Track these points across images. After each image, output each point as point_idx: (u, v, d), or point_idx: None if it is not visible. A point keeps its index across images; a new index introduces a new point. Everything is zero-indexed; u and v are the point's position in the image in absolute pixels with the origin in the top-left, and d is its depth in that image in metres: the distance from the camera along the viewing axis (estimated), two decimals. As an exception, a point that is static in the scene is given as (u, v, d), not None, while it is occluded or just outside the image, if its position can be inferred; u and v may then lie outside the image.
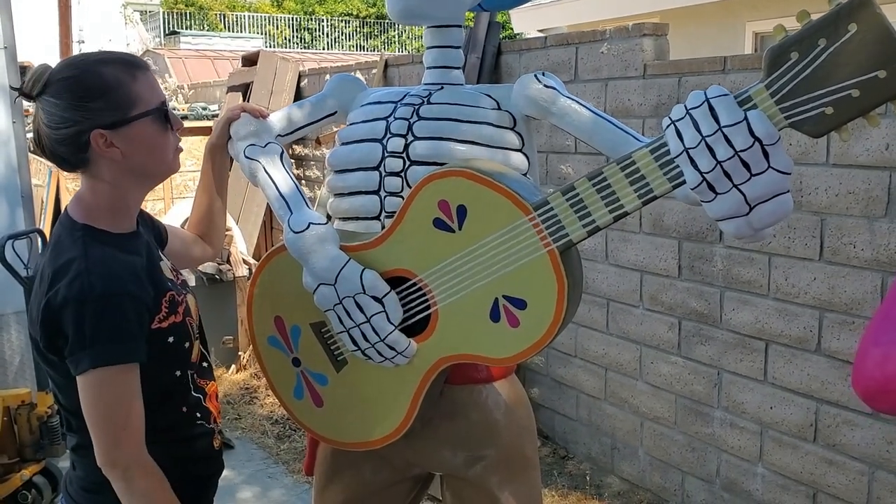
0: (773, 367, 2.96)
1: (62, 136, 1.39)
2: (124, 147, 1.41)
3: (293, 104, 1.81)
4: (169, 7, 21.00)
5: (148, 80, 1.44)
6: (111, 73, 1.40)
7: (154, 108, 1.43)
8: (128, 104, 1.40)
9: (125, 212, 1.49)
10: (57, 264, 1.38)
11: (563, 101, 1.61)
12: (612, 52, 3.50)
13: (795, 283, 2.85)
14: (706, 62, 3.09)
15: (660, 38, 3.40)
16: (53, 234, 1.48)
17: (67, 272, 1.36)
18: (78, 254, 1.38)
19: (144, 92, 1.42)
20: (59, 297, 1.35)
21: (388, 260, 1.56)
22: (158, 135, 1.45)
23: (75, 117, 1.37)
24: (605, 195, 1.36)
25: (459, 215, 1.47)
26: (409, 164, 1.62)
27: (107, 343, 1.34)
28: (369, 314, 1.54)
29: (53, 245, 1.44)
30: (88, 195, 1.46)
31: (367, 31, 23.82)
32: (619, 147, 1.57)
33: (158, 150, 1.46)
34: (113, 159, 1.41)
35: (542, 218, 1.41)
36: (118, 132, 1.40)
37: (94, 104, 1.37)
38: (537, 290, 1.44)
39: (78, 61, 1.42)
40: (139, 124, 1.41)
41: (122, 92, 1.39)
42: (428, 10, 1.66)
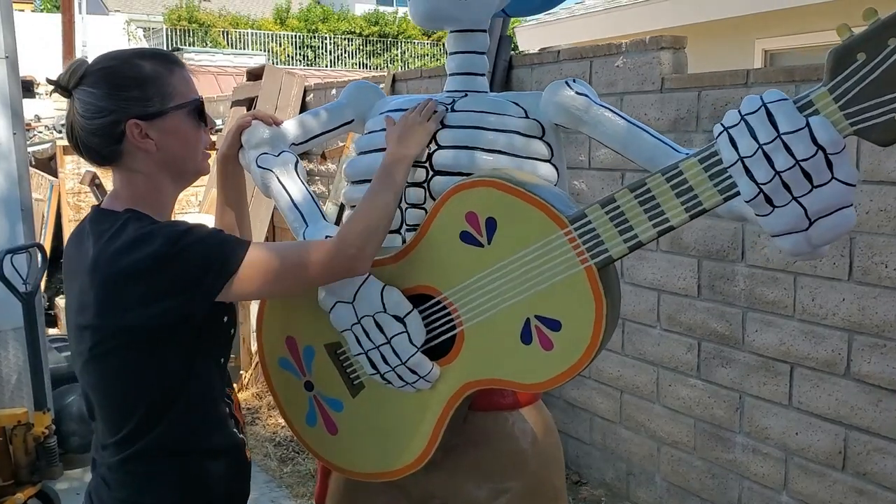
0: (798, 392, 2.85)
1: (97, 127, 1.36)
2: (159, 139, 1.38)
3: (308, 111, 1.71)
4: (172, 24, 21.03)
5: (184, 75, 1.42)
6: (149, 65, 1.39)
7: (190, 101, 1.40)
8: (164, 96, 1.38)
9: (163, 205, 1.44)
10: (114, 246, 1.32)
11: (596, 110, 1.52)
12: (627, 66, 3.42)
13: (823, 303, 2.74)
14: (727, 75, 3.00)
15: (678, 51, 3.32)
16: (82, 230, 1.42)
17: (140, 241, 1.31)
18: (138, 226, 1.34)
19: (181, 85, 1.40)
20: (148, 257, 1.29)
21: (410, 276, 1.46)
22: (192, 130, 1.42)
23: (111, 106, 1.35)
24: (648, 208, 1.26)
25: (488, 228, 1.37)
26: (432, 174, 1.52)
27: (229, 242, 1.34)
28: (390, 335, 1.43)
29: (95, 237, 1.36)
30: (123, 189, 1.42)
31: (370, 49, 23.86)
32: (656, 158, 1.47)
33: (192, 146, 1.43)
34: (147, 151, 1.39)
35: (579, 232, 1.31)
36: (154, 123, 1.37)
37: (131, 93, 1.36)
38: (573, 309, 1.33)
39: (116, 54, 1.41)
40: (174, 117, 1.39)
41: (159, 83, 1.38)
42: (453, 13, 1.56)
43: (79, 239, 1.44)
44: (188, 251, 1.30)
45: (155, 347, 1.34)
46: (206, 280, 1.31)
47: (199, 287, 1.32)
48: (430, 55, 24.36)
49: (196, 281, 1.31)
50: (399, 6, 27.54)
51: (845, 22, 1.16)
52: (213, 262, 1.32)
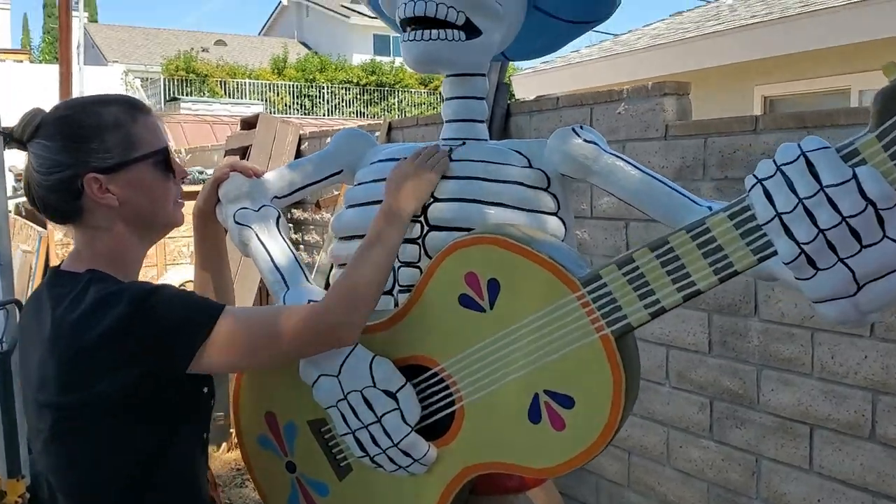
0: (819, 455, 2.67)
1: (53, 182, 1.24)
2: (121, 193, 1.25)
3: (293, 162, 1.58)
4: (170, 74, 21.13)
5: (149, 123, 1.29)
6: (109, 113, 1.26)
7: (155, 152, 1.27)
8: (126, 146, 1.25)
9: (129, 264, 1.30)
10: (75, 313, 1.18)
11: (607, 158, 1.38)
12: (630, 113, 3.30)
13: (843, 361, 2.58)
14: (735, 122, 2.89)
15: (682, 97, 3.21)
16: (39, 295, 1.28)
17: (103, 304, 1.17)
18: (100, 288, 1.20)
19: (145, 134, 1.27)
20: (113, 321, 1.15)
21: (403, 345, 1.31)
22: (159, 182, 1.29)
23: (68, 160, 1.24)
24: (671, 269, 1.11)
25: (491, 291, 1.22)
26: (427, 229, 1.38)
27: (200, 306, 1.22)
28: (380, 413, 1.28)
29: (53, 303, 1.22)
30: (85, 248, 1.29)
31: (367, 98, 23.98)
32: (674, 212, 1.33)
33: (158, 199, 1.29)
34: (109, 206, 1.25)
35: (594, 296, 1.16)
36: (115, 176, 1.24)
37: (88, 145, 1.23)
38: (588, 384, 1.18)
39: (74, 102, 1.30)
40: (138, 168, 1.26)
41: (120, 133, 1.25)
42: (449, 56, 1.44)
43: (36, 305, 1.29)
44: (155, 312, 1.16)
45: (126, 424, 1.19)
46: (176, 347, 1.17)
47: (168, 354, 1.17)
48: (427, 104, 24.48)
49: (164, 347, 1.16)
50: (396, 56, 27.80)
51: (892, 61, 1.02)
52: (183, 327, 1.17)
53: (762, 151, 2.78)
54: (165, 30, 30.38)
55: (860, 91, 6.00)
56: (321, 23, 31.44)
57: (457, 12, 1.40)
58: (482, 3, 1.41)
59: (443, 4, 1.38)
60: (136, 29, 29.60)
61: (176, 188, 1.33)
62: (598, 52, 8.40)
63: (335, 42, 29.19)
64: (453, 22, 1.40)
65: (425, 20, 1.41)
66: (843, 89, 6.11)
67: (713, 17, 8.25)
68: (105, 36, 27.31)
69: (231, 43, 29.69)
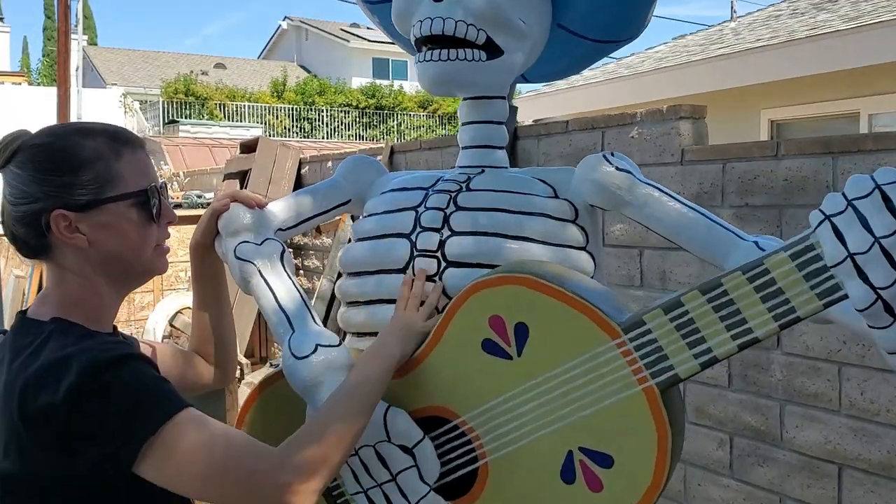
0: (849, 497, 2.54)
1: (21, 214, 1.13)
2: (91, 234, 1.12)
3: (299, 191, 1.46)
4: (168, 97, 21.08)
5: (136, 159, 1.16)
6: (90, 145, 1.13)
7: (135, 192, 1.14)
8: (102, 184, 1.12)
9: (100, 310, 1.17)
10: (30, 371, 1.04)
11: (642, 189, 1.27)
12: (643, 137, 3.20)
13: (874, 398, 2.45)
14: (755, 146, 2.78)
15: (697, 120, 3.10)
16: (4, 344, 1.14)
17: (55, 368, 1.02)
18: (53, 347, 1.06)
19: (127, 172, 1.14)
20: (60, 392, 1.00)
21: (419, 394, 1.18)
22: (136, 225, 1.15)
23: (37, 192, 1.12)
24: (725, 315, 0.99)
25: (518, 337, 1.10)
26: (445, 265, 1.26)
27: (155, 399, 1.03)
28: (396, 470, 1.15)
29: (13, 353, 1.09)
30: (53, 290, 1.16)
31: (367, 121, 23.96)
32: (716, 247, 1.22)
33: (134, 244, 1.16)
34: (77, 247, 1.12)
35: (636, 344, 1.04)
36: (86, 216, 1.12)
37: (60, 178, 1.11)
38: (628, 442, 1.06)
39: (56, 129, 1.17)
40: (113, 209, 1.13)
41: (97, 168, 1.12)
42: (469, 77, 1.32)
43: (0, 354, 1.16)
44: (108, 390, 1.00)
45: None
46: (122, 437, 1.01)
47: (114, 444, 1.01)
48: (426, 126, 24.46)
49: (110, 434, 1.00)
50: (395, 79, 27.84)
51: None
52: (132, 417, 1.01)
53: (784, 178, 2.67)
54: (165, 53, 30.43)
55: (870, 115, 5.91)
56: (321, 46, 31.53)
57: (477, 30, 1.29)
58: (504, 21, 1.30)
59: (462, 22, 1.28)
60: (135, 52, 29.64)
61: (160, 232, 1.20)
62: (601, 74, 8.33)
63: (334, 65, 29.24)
64: (473, 41, 1.29)
65: (443, 39, 1.30)
66: (853, 113, 6.02)
67: (717, 41, 8.19)
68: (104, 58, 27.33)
69: (230, 66, 29.73)
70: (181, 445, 1.01)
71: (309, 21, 33.05)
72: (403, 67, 30.35)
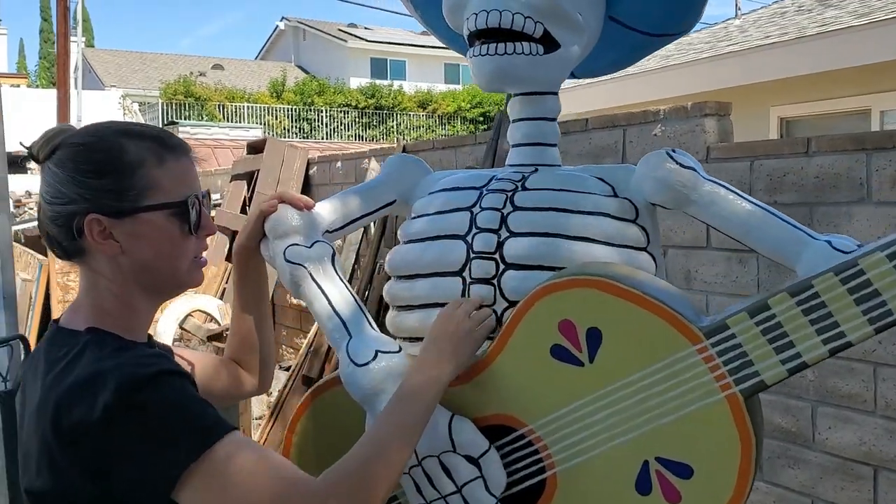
0: (885, 499, 2.49)
1: (55, 214, 1.08)
2: (126, 242, 1.07)
3: (344, 192, 1.41)
4: (168, 98, 21.02)
5: (179, 167, 1.11)
6: (133, 149, 1.08)
7: (174, 203, 1.08)
8: (141, 191, 1.06)
9: (134, 319, 1.11)
10: (64, 385, 0.99)
11: (708, 187, 1.22)
12: (667, 135, 3.15)
13: (911, 398, 2.41)
14: (785, 144, 2.74)
15: (723, 118, 3.06)
16: (37, 354, 1.10)
17: (91, 383, 0.97)
18: (90, 359, 1.00)
19: (167, 181, 1.08)
20: (96, 409, 0.94)
21: (483, 402, 1.14)
22: (172, 237, 1.09)
23: (72, 193, 1.06)
24: (815, 318, 0.95)
25: (591, 342, 1.06)
26: (503, 267, 1.21)
27: (197, 421, 0.97)
28: (461, 482, 1.10)
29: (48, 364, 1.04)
30: (86, 297, 1.11)
31: (366, 121, 23.91)
32: (787, 247, 1.17)
33: (168, 256, 1.10)
34: (110, 254, 1.07)
35: (719, 349, 0.99)
36: (120, 222, 1.06)
37: (97, 182, 1.05)
38: (709, 451, 1.01)
39: (100, 128, 1.11)
40: (149, 218, 1.07)
41: (139, 174, 1.06)
42: (527, 73, 1.28)
43: (34, 365, 1.10)
44: (145, 410, 0.95)
45: None
46: (162, 461, 0.95)
47: (154, 466, 0.95)
48: (426, 126, 24.42)
49: (150, 455, 0.95)
50: (393, 79, 27.78)
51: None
52: (175, 439, 0.95)
53: (815, 175, 2.63)
54: (163, 54, 30.34)
55: (881, 112, 5.88)
56: (319, 46, 31.47)
57: (535, 23, 1.24)
58: (563, 13, 1.25)
59: (520, 14, 1.23)
60: (132, 53, 29.57)
61: (197, 244, 1.14)
62: (606, 73, 8.28)
63: (333, 66, 29.19)
64: (530, 34, 1.24)
65: (498, 32, 1.25)
66: (864, 110, 5.99)
67: (724, 38, 8.15)
68: (102, 60, 27.25)
69: (228, 67, 29.66)
70: (226, 473, 0.95)
71: (306, 21, 32.99)
72: (402, 67, 30.30)
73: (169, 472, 0.95)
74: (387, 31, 32.34)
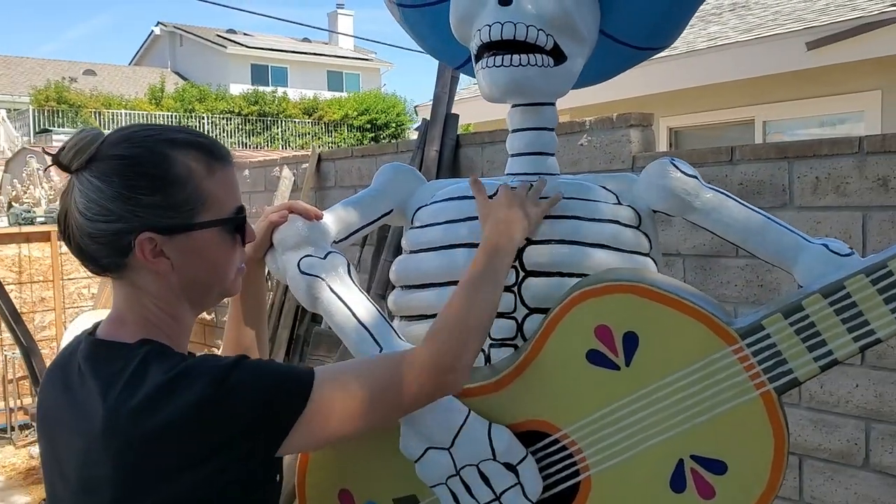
0: (810, 486, 2.66)
1: (99, 232, 1.01)
2: (178, 259, 1.02)
3: (344, 202, 1.39)
4: (39, 105, 19.87)
5: (227, 177, 1.06)
6: (182, 161, 1.02)
7: (228, 218, 1.05)
8: (194, 206, 1.02)
9: (180, 333, 1.08)
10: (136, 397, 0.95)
11: (710, 194, 1.28)
12: (593, 144, 3.26)
13: (833, 390, 2.58)
14: (710, 153, 2.88)
15: (646, 128, 3.19)
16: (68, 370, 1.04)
17: (174, 385, 0.95)
18: (165, 367, 0.97)
19: (220, 193, 1.04)
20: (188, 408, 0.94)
21: (517, 408, 1.15)
22: (224, 249, 1.06)
23: (121, 211, 1.00)
24: (847, 317, 1.02)
25: (627, 346, 1.09)
26: (524, 274, 1.23)
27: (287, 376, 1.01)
28: (500, 489, 1.11)
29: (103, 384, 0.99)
30: (130, 312, 1.05)
31: (250, 128, 23.39)
32: (785, 251, 1.24)
33: (220, 269, 1.07)
34: (158, 272, 1.02)
35: (754, 349, 1.04)
36: (173, 239, 1.01)
37: (149, 198, 1.00)
38: (743, 447, 1.06)
39: (142, 136, 1.03)
40: (203, 234, 1.03)
41: (190, 187, 1.01)
42: (537, 84, 1.30)
43: (65, 380, 1.05)
44: (238, 392, 0.95)
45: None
46: (266, 429, 0.97)
47: (258, 439, 0.97)
48: (312, 133, 24.13)
49: (252, 431, 0.96)
50: (275, 85, 27.31)
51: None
52: (273, 403, 0.97)
53: (739, 182, 2.78)
54: (29, 59, 28.70)
55: (764, 122, 6.26)
56: (196, 52, 30.61)
57: (546, 36, 1.27)
58: (572, 27, 1.28)
59: (533, 27, 1.25)
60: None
61: (242, 253, 1.12)
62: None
63: (212, 72, 28.44)
64: (543, 46, 1.27)
65: (509, 44, 1.27)
66: (748, 120, 6.36)
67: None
68: (-40, 64, 25.55)
69: (101, 73, 28.39)
70: (350, 393, 1.00)
71: (183, 27, 32.02)
72: (283, 74, 29.85)
73: (278, 429, 0.97)
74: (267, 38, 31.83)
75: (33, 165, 6.99)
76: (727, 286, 2.76)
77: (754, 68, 6.02)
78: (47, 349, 5.28)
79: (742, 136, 6.42)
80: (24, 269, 5.54)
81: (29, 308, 5.49)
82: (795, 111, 6.19)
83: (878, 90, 5.53)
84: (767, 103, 6.19)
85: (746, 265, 2.71)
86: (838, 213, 2.54)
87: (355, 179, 4.43)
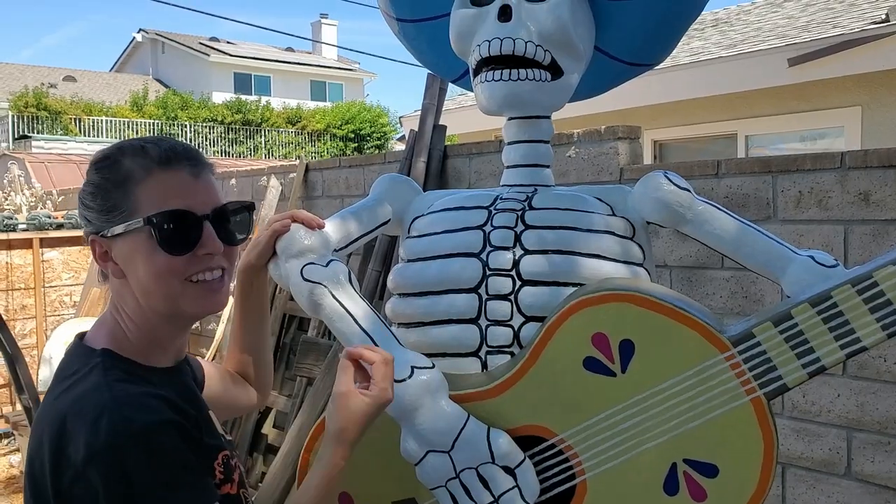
0: (792, 494, 2.70)
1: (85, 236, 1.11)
2: (123, 264, 1.05)
3: (343, 211, 1.42)
4: (19, 110, 19.75)
5: (168, 180, 1.04)
6: (127, 164, 1.04)
7: (153, 217, 1.02)
8: (127, 208, 1.03)
9: (155, 343, 1.08)
10: (65, 406, 0.98)
11: (702, 207, 1.32)
12: (581, 156, 3.30)
13: (815, 400, 2.63)
14: (696, 166, 2.93)
15: (633, 141, 3.24)
16: (60, 366, 1.07)
17: (84, 412, 0.95)
18: (93, 384, 0.98)
19: (153, 194, 1.03)
20: (80, 452, 0.92)
21: (514, 414, 1.18)
22: (153, 256, 1.03)
23: (84, 213, 1.08)
24: (834, 325, 1.05)
25: (623, 353, 1.12)
26: (520, 284, 1.26)
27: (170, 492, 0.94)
28: (498, 492, 1.14)
29: (59, 379, 1.03)
30: (109, 316, 1.09)
31: (233, 136, 23.35)
32: (773, 262, 1.28)
33: (156, 277, 1.04)
34: (116, 277, 1.07)
35: (745, 356, 1.08)
36: (113, 242, 1.05)
37: (93, 201, 1.05)
38: (734, 450, 1.09)
39: (115, 144, 1.09)
40: (133, 237, 1.03)
41: (126, 189, 1.03)
42: (535, 98, 1.34)
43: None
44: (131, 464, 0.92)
45: None
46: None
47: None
48: (295, 143, 24.12)
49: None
50: (259, 94, 27.28)
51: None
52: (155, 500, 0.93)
53: (725, 195, 2.83)
54: (8, 64, 28.51)
55: (746, 136, 6.36)
56: (178, 60, 30.51)
57: (544, 51, 1.30)
58: (569, 43, 1.32)
59: (531, 42, 1.29)
60: (-28, 62, 27.65)
61: (189, 263, 1.04)
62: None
63: (194, 79, 28.36)
64: (540, 61, 1.31)
65: (507, 59, 1.30)
66: (731, 134, 6.45)
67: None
68: (-62, 69, 25.35)
69: (81, 79, 28.24)
70: None
71: (165, 34, 31.90)
72: (266, 83, 29.81)
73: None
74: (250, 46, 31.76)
75: (15, 172, 6.95)
76: (712, 297, 2.81)
77: (737, 83, 6.12)
78: (28, 357, 5.24)
79: (725, 149, 6.51)
80: (5, 277, 5.51)
81: (10, 316, 5.46)
82: (777, 126, 6.29)
83: (858, 106, 5.63)
84: (750, 118, 6.29)
85: (731, 277, 2.75)
86: (820, 226, 2.60)
87: (342, 189, 4.46)
